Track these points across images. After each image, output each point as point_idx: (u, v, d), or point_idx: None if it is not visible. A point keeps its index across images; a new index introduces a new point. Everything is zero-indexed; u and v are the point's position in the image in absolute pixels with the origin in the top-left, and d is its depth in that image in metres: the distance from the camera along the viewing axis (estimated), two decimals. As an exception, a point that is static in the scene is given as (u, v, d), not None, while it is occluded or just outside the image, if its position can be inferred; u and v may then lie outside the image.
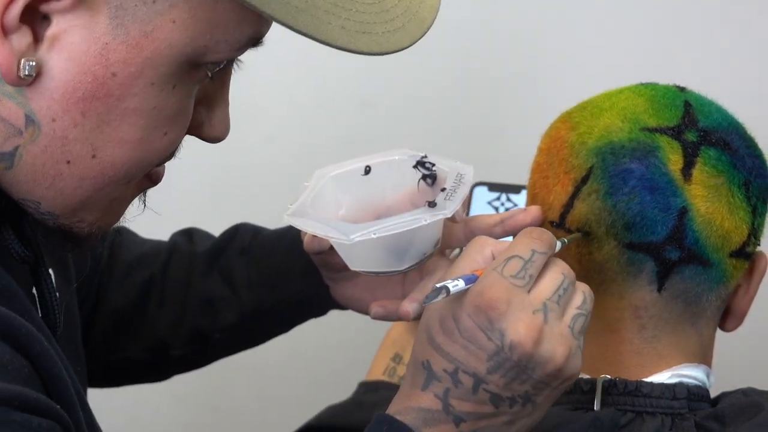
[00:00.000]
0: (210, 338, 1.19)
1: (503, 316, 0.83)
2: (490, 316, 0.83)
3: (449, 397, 0.85)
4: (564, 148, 0.98)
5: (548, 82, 1.82)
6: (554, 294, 0.85)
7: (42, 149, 0.82)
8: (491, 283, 0.84)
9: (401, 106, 1.86)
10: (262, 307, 1.18)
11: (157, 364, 1.22)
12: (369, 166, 1.04)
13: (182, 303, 1.20)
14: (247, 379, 1.90)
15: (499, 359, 0.83)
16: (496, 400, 0.85)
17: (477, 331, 0.84)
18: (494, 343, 0.83)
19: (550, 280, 0.86)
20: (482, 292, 0.84)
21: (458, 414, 0.85)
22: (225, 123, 0.91)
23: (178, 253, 1.22)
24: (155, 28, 0.79)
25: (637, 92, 0.99)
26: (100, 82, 0.80)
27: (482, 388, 0.84)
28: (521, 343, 0.83)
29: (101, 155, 0.83)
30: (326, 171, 1.03)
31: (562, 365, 0.84)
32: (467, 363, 0.84)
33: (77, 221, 0.87)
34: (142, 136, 0.83)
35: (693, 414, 0.94)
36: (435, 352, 0.85)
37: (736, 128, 0.98)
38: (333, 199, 1.02)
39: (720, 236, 0.94)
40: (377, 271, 0.99)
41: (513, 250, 0.86)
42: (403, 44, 0.85)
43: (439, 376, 0.85)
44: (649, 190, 0.93)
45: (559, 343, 0.84)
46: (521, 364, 0.83)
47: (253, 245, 1.20)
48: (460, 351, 0.84)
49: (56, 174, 0.83)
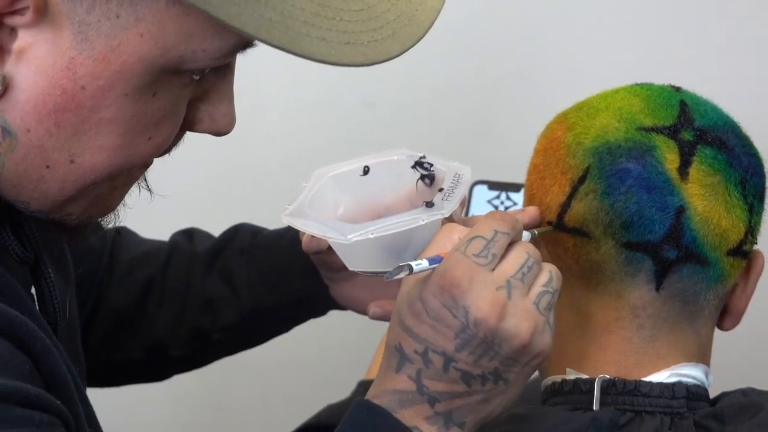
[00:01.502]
0: (209, 338, 1.20)
1: (466, 294, 0.84)
2: (453, 293, 0.85)
3: (422, 377, 0.86)
4: (560, 148, 0.98)
5: (548, 81, 1.82)
6: (518, 272, 0.86)
7: (22, 157, 0.82)
8: (453, 262, 0.85)
9: (402, 106, 1.86)
10: (262, 307, 1.18)
11: (157, 364, 1.22)
12: (368, 167, 1.04)
13: (182, 303, 1.20)
14: (248, 378, 1.90)
15: (466, 336, 0.85)
16: (467, 378, 0.86)
17: (442, 310, 0.85)
18: (459, 321, 0.85)
19: (514, 258, 0.87)
20: (445, 271, 0.85)
21: (432, 394, 0.86)
22: (228, 117, 0.90)
23: (178, 253, 1.22)
24: (121, 43, 0.79)
25: (632, 92, 0.99)
26: (69, 95, 0.80)
27: (452, 366, 0.85)
28: (485, 319, 0.84)
29: (80, 161, 0.83)
30: (325, 171, 1.04)
31: (527, 341, 0.85)
32: (436, 342, 0.85)
33: (66, 215, 0.87)
34: (122, 143, 0.83)
35: (692, 413, 0.94)
36: (405, 334, 0.87)
37: (731, 127, 0.98)
38: (331, 200, 1.03)
39: (717, 235, 0.94)
40: (375, 271, 0.99)
41: (476, 231, 0.87)
42: (391, 53, 0.83)
43: (411, 358, 0.86)
44: (646, 189, 0.93)
45: (523, 318, 0.85)
46: (487, 340, 0.84)
47: (253, 245, 1.20)
48: (428, 331, 0.86)
49: (39, 178, 0.83)
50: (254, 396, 1.92)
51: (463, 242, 0.87)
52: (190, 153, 1.92)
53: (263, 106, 1.87)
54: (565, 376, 0.97)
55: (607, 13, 1.82)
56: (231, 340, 1.21)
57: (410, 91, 1.85)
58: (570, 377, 0.97)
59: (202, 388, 1.89)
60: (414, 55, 1.93)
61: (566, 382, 0.97)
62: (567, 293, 0.97)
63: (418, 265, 0.86)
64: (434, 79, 1.85)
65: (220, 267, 1.20)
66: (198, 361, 1.24)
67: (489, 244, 0.86)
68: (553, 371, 0.99)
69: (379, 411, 0.86)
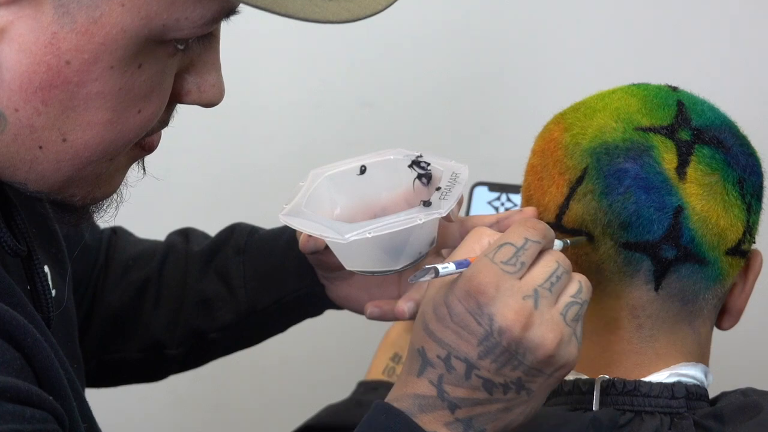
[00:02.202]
0: (206, 338, 1.19)
1: (492, 301, 0.83)
2: (479, 300, 0.83)
3: (443, 383, 0.85)
4: (558, 149, 0.98)
5: (548, 82, 1.82)
6: (546, 281, 0.85)
7: (12, 138, 0.81)
8: (481, 268, 0.84)
9: (400, 106, 1.86)
10: (259, 307, 1.18)
11: (153, 364, 1.21)
12: (364, 166, 1.04)
13: (178, 302, 1.20)
14: (247, 378, 1.90)
15: (489, 344, 0.83)
16: (488, 386, 0.85)
17: (467, 316, 0.84)
18: (483, 328, 0.83)
19: (543, 268, 0.86)
20: (472, 277, 0.84)
21: (452, 400, 0.85)
22: (217, 87, 0.88)
23: (174, 253, 1.22)
24: (103, 14, 0.78)
25: (629, 92, 0.99)
26: (54, 71, 0.79)
27: (474, 373, 0.84)
28: (509, 328, 0.83)
29: (72, 138, 0.82)
30: (321, 171, 1.03)
31: (553, 351, 0.84)
32: (459, 348, 0.84)
33: (69, 196, 0.86)
34: (111, 117, 0.82)
35: (692, 413, 0.94)
36: (429, 339, 0.86)
37: (729, 126, 0.98)
38: (328, 199, 1.03)
39: (716, 234, 0.94)
40: (373, 270, 0.99)
41: (506, 237, 0.86)
42: (376, 8, 0.83)
43: (433, 363, 0.85)
44: (644, 189, 0.93)
45: (549, 329, 0.84)
46: (511, 349, 0.83)
47: (249, 245, 1.20)
48: (451, 336, 0.85)
49: (32, 159, 0.83)
50: (254, 396, 1.92)
51: (492, 248, 0.86)
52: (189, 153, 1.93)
53: (262, 105, 1.87)
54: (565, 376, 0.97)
55: (606, 13, 1.81)
56: (227, 340, 1.21)
57: (409, 91, 1.85)
58: (569, 377, 0.97)
59: (202, 387, 1.88)
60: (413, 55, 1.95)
61: (566, 383, 0.97)
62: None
63: (444, 269, 0.85)
64: (433, 79, 1.85)
65: (216, 266, 1.20)
66: (194, 361, 1.24)
67: (519, 252, 0.85)
68: (553, 372, 0.99)
69: (398, 414, 0.85)
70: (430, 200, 0.95)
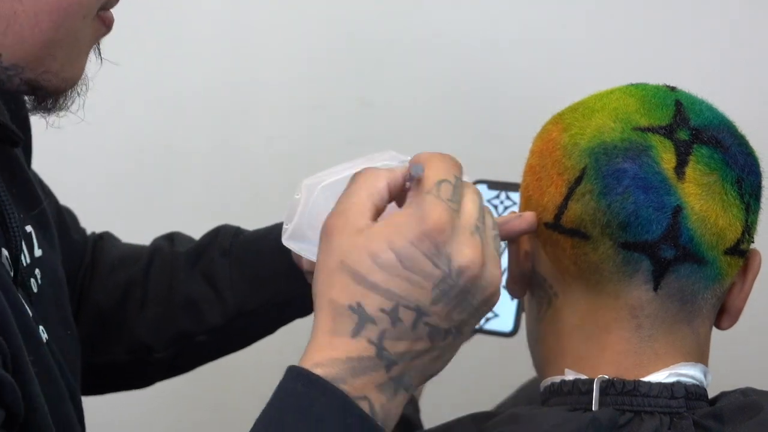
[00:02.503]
0: (193, 340, 1.19)
1: (448, 241, 0.80)
2: (436, 240, 0.80)
3: (384, 338, 0.81)
4: (556, 149, 0.98)
5: (548, 81, 1.82)
6: (479, 216, 0.84)
7: None
8: (432, 207, 0.81)
9: (400, 106, 1.86)
10: (246, 308, 1.17)
11: (140, 368, 1.21)
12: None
13: (165, 304, 1.19)
14: (247, 378, 1.90)
15: (445, 286, 0.81)
16: (433, 334, 0.82)
17: (422, 259, 0.80)
18: (441, 270, 0.81)
19: (472, 203, 0.84)
20: (425, 217, 0.81)
21: (391, 357, 0.81)
22: None
23: (160, 255, 1.22)
24: None
25: (627, 92, 0.99)
26: None
27: (423, 321, 0.81)
28: (469, 267, 0.81)
29: None
30: (314, 181, 1.02)
31: (497, 288, 0.83)
32: (409, 296, 0.81)
33: (43, 72, 0.87)
34: None
35: (691, 413, 0.94)
36: (370, 292, 0.81)
37: (727, 126, 0.98)
38: (325, 212, 1.02)
39: (714, 234, 0.94)
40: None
41: (438, 173, 0.83)
42: None
43: (374, 318, 0.81)
44: (643, 189, 0.93)
45: (494, 265, 0.82)
46: (466, 289, 0.81)
47: (235, 246, 1.19)
48: (401, 284, 0.80)
49: (10, 14, 0.83)
50: (254, 396, 1.92)
51: (430, 186, 0.82)
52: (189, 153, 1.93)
53: (261, 105, 1.87)
54: (564, 376, 0.97)
55: (604, 14, 1.82)
56: (215, 343, 1.20)
57: (409, 91, 1.85)
58: (569, 378, 0.97)
59: (201, 388, 1.89)
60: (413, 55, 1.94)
61: (565, 383, 0.97)
62: (566, 294, 0.97)
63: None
64: (433, 78, 1.85)
65: (202, 268, 1.20)
66: (182, 366, 1.23)
67: (455, 188, 0.83)
68: (552, 372, 0.99)
69: (318, 383, 0.80)
70: None
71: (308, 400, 0.79)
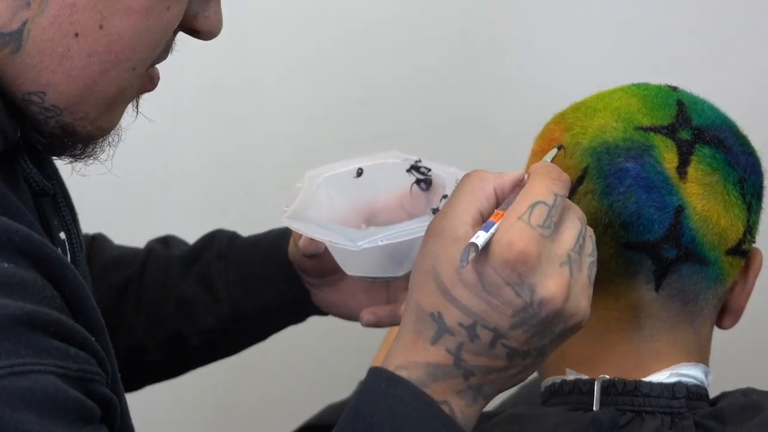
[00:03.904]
0: (187, 343, 1.18)
1: (533, 271, 0.80)
2: (520, 270, 0.80)
3: (462, 351, 0.82)
4: (558, 149, 0.97)
5: (548, 81, 1.82)
6: (576, 244, 0.82)
7: (50, 21, 0.82)
8: (519, 234, 0.80)
9: (399, 106, 1.86)
10: (241, 312, 1.17)
11: (132, 371, 1.19)
12: (361, 169, 1.03)
13: (159, 306, 1.19)
14: (248, 378, 1.90)
15: (525, 315, 0.81)
16: (512, 355, 0.83)
17: (504, 287, 0.80)
18: (522, 299, 0.80)
19: (572, 229, 0.83)
20: (511, 245, 0.80)
21: (469, 368, 0.83)
22: (218, 16, 0.90)
23: (155, 257, 1.21)
24: None
25: (629, 92, 0.99)
26: None
27: (501, 342, 0.82)
28: (551, 300, 0.80)
29: (109, 26, 0.83)
30: (318, 172, 1.03)
31: (583, 318, 0.82)
32: (489, 318, 0.81)
33: (80, 118, 0.86)
34: (147, 6, 0.83)
35: (692, 413, 0.94)
36: (450, 305, 0.82)
37: (729, 126, 0.98)
38: (327, 202, 1.02)
39: (716, 234, 0.94)
40: (375, 276, 0.99)
41: (535, 194, 0.82)
42: None
43: (453, 330, 0.82)
44: (645, 188, 0.93)
45: (582, 296, 0.82)
46: (548, 320, 0.81)
47: (231, 249, 1.19)
48: (481, 305, 0.81)
49: (64, 50, 0.83)
50: (255, 395, 1.92)
51: (523, 209, 0.81)
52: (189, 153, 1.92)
53: (261, 105, 1.87)
54: (565, 376, 0.97)
55: (605, 13, 1.82)
56: (209, 346, 1.20)
57: (407, 91, 1.85)
58: (570, 378, 0.97)
59: (203, 387, 1.88)
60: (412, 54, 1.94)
61: (566, 383, 0.97)
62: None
63: (481, 240, 0.79)
64: (432, 78, 1.85)
65: (197, 271, 1.19)
66: (174, 369, 1.23)
67: (551, 211, 0.81)
68: (553, 372, 0.99)
69: (402, 383, 0.82)
70: (440, 208, 0.94)
71: (394, 399, 0.81)
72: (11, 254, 0.76)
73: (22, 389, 0.72)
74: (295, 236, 1.10)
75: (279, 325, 1.20)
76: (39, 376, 0.73)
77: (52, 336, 0.75)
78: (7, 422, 0.71)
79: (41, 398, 0.72)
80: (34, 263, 0.77)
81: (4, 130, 0.83)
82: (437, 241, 0.83)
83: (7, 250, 0.76)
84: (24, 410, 0.71)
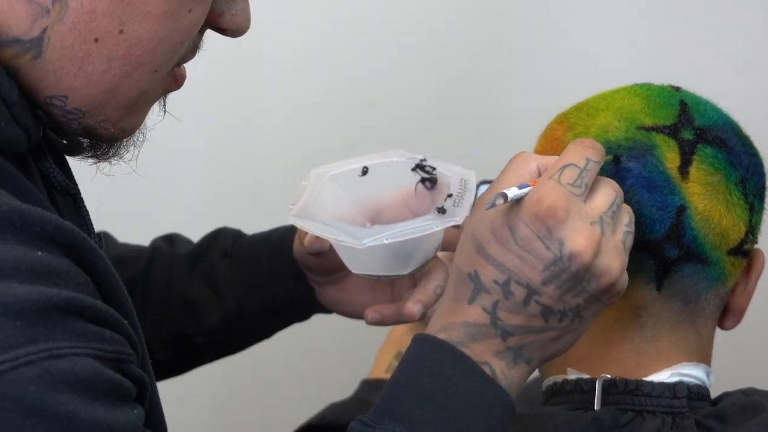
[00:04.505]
0: (192, 342, 1.18)
1: (562, 225, 0.83)
2: (548, 224, 0.83)
3: (498, 309, 0.84)
4: (561, 149, 0.97)
5: (551, 82, 1.82)
6: (609, 209, 0.85)
7: (70, 27, 0.82)
8: (549, 190, 0.83)
9: (405, 107, 1.86)
10: (246, 310, 1.17)
11: None
12: (366, 167, 1.03)
13: (164, 305, 1.19)
14: (248, 378, 1.90)
15: (556, 269, 0.83)
16: (546, 313, 0.84)
17: (534, 240, 0.83)
18: (552, 253, 0.83)
19: (605, 195, 0.85)
20: (540, 199, 0.83)
21: (506, 328, 0.84)
22: (245, 14, 0.90)
23: (160, 256, 1.21)
24: None
25: (632, 92, 0.99)
26: None
27: (534, 299, 0.83)
28: (581, 254, 0.82)
29: (128, 30, 0.83)
30: (323, 170, 1.03)
31: (616, 279, 0.84)
32: (521, 273, 0.83)
33: (102, 120, 0.87)
34: (167, 10, 0.83)
35: (693, 413, 0.94)
36: (486, 262, 0.84)
37: (731, 126, 0.97)
38: (332, 200, 1.02)
39: (718, 234, 0.94)
40: (380, 274, 0.99)
41: (568, 158, 0.86)
42: None
43: (488, 288, 0.84)
44: (647, 188, 0.93)
45: (614, 256, 0.84)
46: (578, 276, 0.83)
47: (236, 247, 1.18)
48: (514, 260, 0.83)
49: (84, 55, 0.83)
50: (254, 395, 1.92)
51: (555, 170, 0.85)
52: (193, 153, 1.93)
53: (267, 107, 1.87)
54: (567, 376, 0.97)
55: (607, 13, 1.82)
56: (214, 344, 1.20)
57: (413, 92, 1.85)
58: (571, 377, 0.97)
59: (202, 387, 1.88)
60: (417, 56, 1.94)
61: (567, 382, 0.97)
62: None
63: (512, 192, 0.83)
64: (437, 79, 1.85)
65: (202, 269, 1.19)
66: (178, 367, 1.22)
67: (582, 172, 0.85)
68: (554, 371, 0.99)
69: (443, 346, 0.84)
70: (444, 207, 0.94)
71: (436, 362, 0.83)
72: (45, 243, 0.77)
73: (63, 371, 0.73)
74: (301, 234, 1.11)
75: (283, 323, 1.20)
76: (78, 359, 0.74)
77: (88, 320, 0.76)
78: (51, 403, 0.72)
79: (82, 379, 0.74)
80: (67, 251, 0.78)
81: (29, 131, 0.84)
82: (479, 212, 0.86)
83: (41, 239, 0.77)
84: (66, 391, 0.73)
